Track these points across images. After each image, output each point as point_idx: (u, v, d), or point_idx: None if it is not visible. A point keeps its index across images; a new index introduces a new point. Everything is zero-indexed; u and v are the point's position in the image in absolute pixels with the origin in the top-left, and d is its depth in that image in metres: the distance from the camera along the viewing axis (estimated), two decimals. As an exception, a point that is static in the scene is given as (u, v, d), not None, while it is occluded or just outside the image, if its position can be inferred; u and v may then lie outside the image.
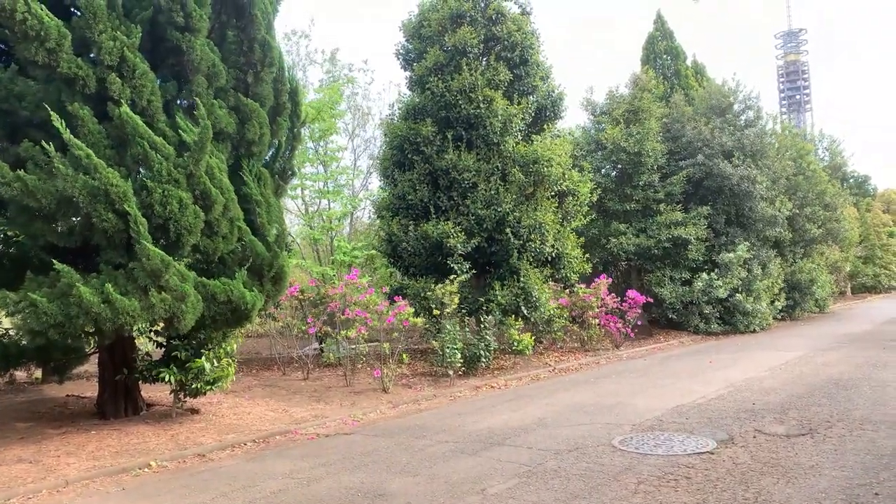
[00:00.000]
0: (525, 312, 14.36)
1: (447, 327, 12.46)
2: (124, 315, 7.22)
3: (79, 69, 7.45)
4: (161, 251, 7.46)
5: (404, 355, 12.28)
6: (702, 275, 19.81)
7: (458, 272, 13.66)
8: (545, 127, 15.94)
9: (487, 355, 13.19)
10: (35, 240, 7.89)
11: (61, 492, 6.37)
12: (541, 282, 14.79)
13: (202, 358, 8.83)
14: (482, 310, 14.10)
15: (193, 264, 8.59)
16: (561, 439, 7.49)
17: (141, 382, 9.47)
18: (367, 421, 9.33)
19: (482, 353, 13.01)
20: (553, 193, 15.60)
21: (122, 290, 7.35)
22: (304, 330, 13.52)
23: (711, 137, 21.41)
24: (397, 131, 15.26)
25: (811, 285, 25.28)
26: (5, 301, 7.10)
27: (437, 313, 12.77)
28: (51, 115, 7.09)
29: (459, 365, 12.53)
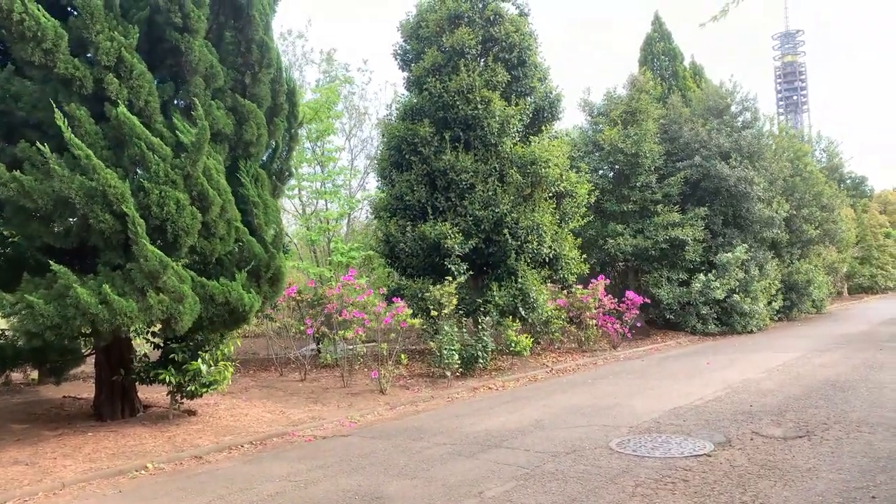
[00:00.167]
0: (523, 313, 14.36)
1: (445, 328, 12.45)
2: (121, 316, 7.20)
3: (76, 69, 7.43)
4: (159, 252, 7.45)
5: (402, 356, 12.28)
6: (699, 276, 19.82)
7: (456, 273, 13.65)
8: (543, 128, 15.92)
9: (485, 356, 13.18)
10: (32, 241, 7.87)
11: (58, 494, 6.35)
12: (538, 283, 14.80)
13: (199, 360, 8.82)
14: (480, 311, 14.10)
15: (190, 265, 8.56)
16: (558, 441, 7.50)
17: (138, 384, 9.45)
18: (364, 422, 9.32)
19: (480, 354, 13.00)
20: (551, 194, 15.61)
21: (119, 291, 7.33)
22: (302, 331, 13.50)
23: (709, 139, 21.42)
24: (395, 132, 15.25)
25: (808, 286, 25.30)
26: (2, 302, 7.07)
27: (435, 314, 12.76)
28: (51, 116, 7.07)
29: (457, 366, 12.53)
